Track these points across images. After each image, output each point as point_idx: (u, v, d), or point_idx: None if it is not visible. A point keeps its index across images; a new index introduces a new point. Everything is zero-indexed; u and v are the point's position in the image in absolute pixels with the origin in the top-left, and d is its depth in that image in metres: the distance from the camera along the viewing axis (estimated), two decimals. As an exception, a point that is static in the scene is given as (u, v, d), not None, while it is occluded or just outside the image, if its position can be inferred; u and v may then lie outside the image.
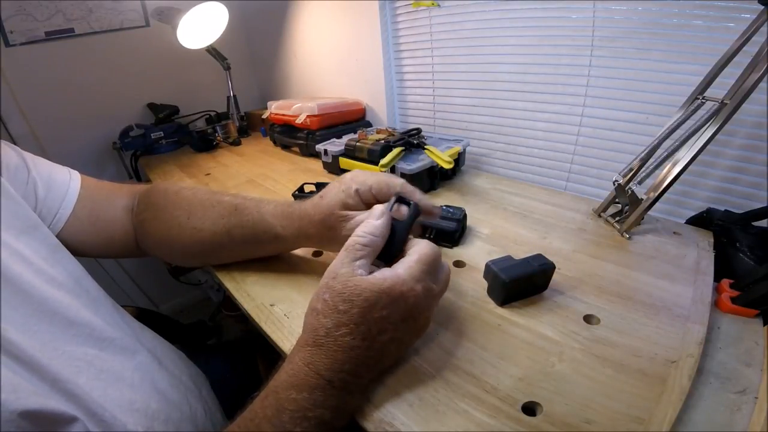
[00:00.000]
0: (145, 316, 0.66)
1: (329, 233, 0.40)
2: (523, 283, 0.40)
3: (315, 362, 0.28)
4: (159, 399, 0.37)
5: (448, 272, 0.35)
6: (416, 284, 0.30)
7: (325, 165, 0.85)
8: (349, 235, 0.36)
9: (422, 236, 0.49)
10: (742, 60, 0.46)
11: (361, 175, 0.40)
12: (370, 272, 0.30)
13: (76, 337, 0.34)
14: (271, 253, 0.50)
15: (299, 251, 0.53)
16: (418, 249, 0.32)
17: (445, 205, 0.55)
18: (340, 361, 0.28)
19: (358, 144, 0.75)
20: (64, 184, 0.45)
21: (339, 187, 0.40)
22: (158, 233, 0.48)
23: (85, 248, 0.46)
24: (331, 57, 1.19)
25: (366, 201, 0.39)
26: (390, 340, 0.29)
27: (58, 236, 0.42)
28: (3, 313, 0.29)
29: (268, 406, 0.28)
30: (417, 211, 0.35)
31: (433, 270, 0.32)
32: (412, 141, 0.73)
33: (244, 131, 1.31)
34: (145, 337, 0.44)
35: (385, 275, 0.29)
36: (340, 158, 0.80)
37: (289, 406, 0.27)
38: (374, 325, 0.28)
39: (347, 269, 0.30)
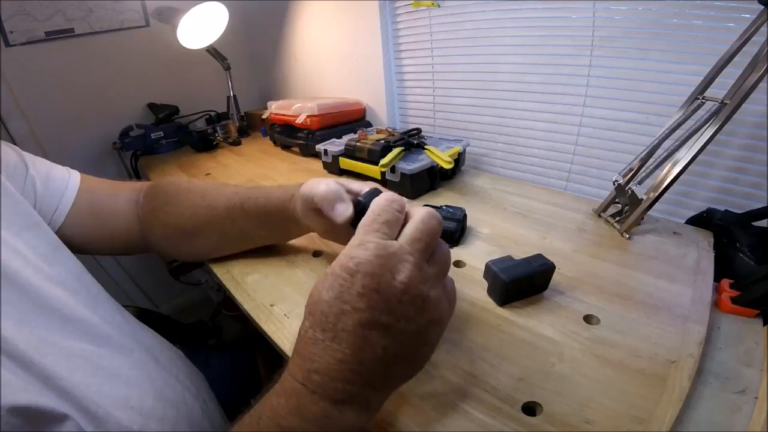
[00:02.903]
0: (144, 316, 0.66)
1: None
2: (523, 283, 0.40)
3: (290, 365, 0.26)
4: (155, 396, 0.37)
5: (426, 217, 0.27)
6: (356, 250, 0.25)
7: (325, 165, 0.85)
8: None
9: None
10: (742, 60, 0.46)
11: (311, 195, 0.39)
12: None
13: (73, 333, 0.34)
14: (281, 231, 0.50)
15: (300, 250, 0.53)
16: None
17: (445, 205, 0.55)
18: (308, 359, 0.25)
19: (358, 144, 0.75)
20: (63, 180, 0.45)
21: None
22: (170, 219, 0.48)
23: (87, 243, 0.46)
24: (331, 57, 1.19)
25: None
26: (360, 326, 0.24)
27: (59, 232, 0.42)
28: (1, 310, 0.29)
29: (253, 414, 0.26)
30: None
31: (384, 224, 0.26)
32: (412, 141, 0.73)
33: (244, 131, 1.31)
34: (143, 336, 0.45)
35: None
36: (340, 158, 0.80)
37: (268, 413, 0.25)
38: (328, 310, 0.24)
39: None
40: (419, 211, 0.28)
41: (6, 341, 0.28)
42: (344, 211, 0.35)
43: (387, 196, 0.28)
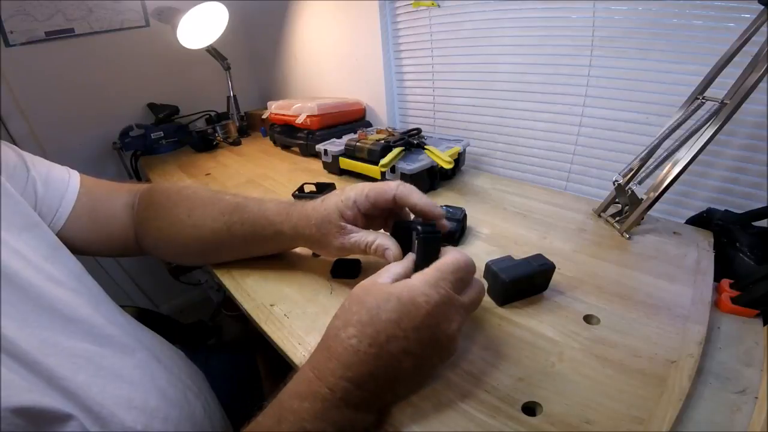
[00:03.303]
0: (144, 316, 0.66)
1: (322, 238, 0.41)
2: (523, 283, 0.40)
3: (320, 366, 0.27)
4: (158, 396, 0.38)
5: (482, 288, 0.33)
6: (429, 289, 0.28)
7: (325, 165, 0.85)
8: (342, 245, 0.39)
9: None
10: (742, 60, 0.46)
11: (360, 185, 0.41)
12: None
13: (75, 333, 0.34)
14: (270, 250, 0.50)
15: (299, 251, 0.53)
16: (443, 258, 0.31)
17: (445, 205, 0.55)
18: (344, 366, 0.26)
19: (358, 144, 0.75)
20: (63, 181, 0.45)
21: (339, 196, 0.40)
22: (158, 232, 0.48)
23: (86, 245, 0.46)
24: (331, 57, 1.19)
25: (365, 210, 0.40)
26: (403, 353, 0.27)
27: (59, 234, 0.42)
28: (2, 309, 0.29)
29: (270, 416, 0.27)
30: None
31: (457, 279, 0.30)
32: (412, 141, 0.73)
33: (244, 131, 1.31)
34: (144, 336, 0.45)
35: (400, 282, 0.29)
36: (340, 158, 0.80)
37: (289, 416, 0.26)
38: (383, 330, 0.26)
39: (371, 279, 0.31)
40: (480, 282, 0.33)
41: (8, 341, 0.28)
42: (396, 254, 0.37)
43: (469, 260, 0.32)
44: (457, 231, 0.52)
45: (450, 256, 0.31)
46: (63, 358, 0.31)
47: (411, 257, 0.35)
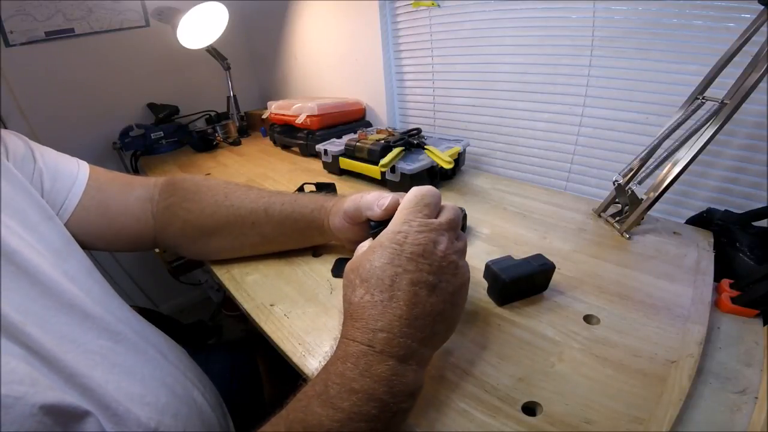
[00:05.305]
0: (145, 316, 0.66)
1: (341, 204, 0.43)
2: (523, 283, 0.40)
3: (351, 333, 0.27)
4: (167, 393, 0.38)
5: (453, 207, 0.33)
6: (401, 226, 0.30)
7: (325, 165, 0.85)
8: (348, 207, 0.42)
9: None
10: (742, 60, 0.46)
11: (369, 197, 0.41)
12: None
13: (90, 330, 0.34)
14: (299, 237, 0.50)
15: (299, 250, 0.53)
16: (403, 200, 0.32)
17: (445, 205, 0.55)
18: (372, 321, 0.27)
19: (358, 144, 0.75)
20: (71, 175, 0.44)
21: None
22: (189, 215, 0.48)
23: (91, 240, 0.45)
24: (331, 57, 1.19)
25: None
26: (412, 284, 0.27)
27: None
28: (23, 306, 0.29)
29: (317, 383, 0.27)
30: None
31: (425, 206, 0.31)
32: (412, 141, 0.73)
33: (244, 131, 1.31)
34: (151, 333, 0.45)
35: (374, 241, 0.31)
36: (340, 158, 0.80)
37: (335, 379, 0.26)
38: (382, 274, 0.28)
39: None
40: (450, 204, 0.34)
41: (31, 338, 0.28)
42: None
43: (425, 188, 0.33)
44: (457, 231, 0.52)
45: (407, 195, 0.32)
46: (80, 355, 0.31)
47: None
